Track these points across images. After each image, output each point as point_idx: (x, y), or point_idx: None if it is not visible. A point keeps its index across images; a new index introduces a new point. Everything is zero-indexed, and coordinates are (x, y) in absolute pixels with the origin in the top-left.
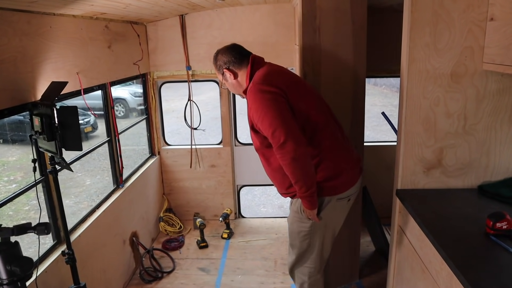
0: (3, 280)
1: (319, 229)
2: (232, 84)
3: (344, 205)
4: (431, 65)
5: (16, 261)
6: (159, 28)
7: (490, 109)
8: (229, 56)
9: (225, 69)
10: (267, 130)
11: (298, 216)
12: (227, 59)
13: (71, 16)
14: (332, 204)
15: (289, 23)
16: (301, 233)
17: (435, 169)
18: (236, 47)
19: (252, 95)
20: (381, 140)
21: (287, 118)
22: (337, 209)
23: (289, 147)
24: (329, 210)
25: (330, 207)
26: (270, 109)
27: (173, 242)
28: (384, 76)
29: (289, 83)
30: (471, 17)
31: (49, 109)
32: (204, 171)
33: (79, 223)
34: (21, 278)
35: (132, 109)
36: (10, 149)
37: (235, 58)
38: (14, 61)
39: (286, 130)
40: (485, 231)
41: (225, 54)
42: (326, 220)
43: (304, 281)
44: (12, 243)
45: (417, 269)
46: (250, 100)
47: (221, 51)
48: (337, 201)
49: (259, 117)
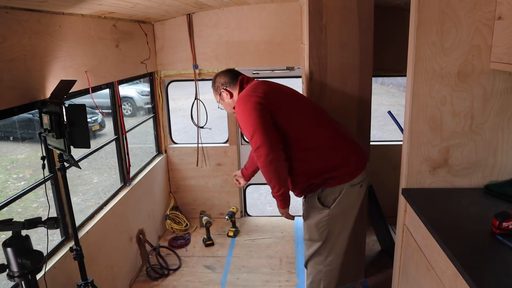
0: (15, 272)
1: (337, 217)
2: (228, 104)
3: (357, 191)
4: (437, 64)
5: (27, 254)
6: (167, 27)
7: (497, 108)
8: (225, 78)
9: (222, 89)
10: (248, 134)
11: (315, 208)
12: (224, 80)
13: (80, 15)
14: (346, 191)
15: (295, 21)
16: (319, 224)
17: (441, 169)
18: (232, 70)
19: (238, 103)
20: (387, 140)
21: (265, 124)
22: (351, 196)
23: (263, 151)
24: (344, 197)
25: (344, 194)
26: (251, 115)
27: (179, 239)
28: (391, 75)
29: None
30: (479, 16)
31: (58, 107)
32: (211, 170)
33: (87, 220)
34: (32, 271)
35: (139, 108)
36: (19, 146)
37: (230, 79)
38: (24, 60)
39: (263, 135)
40: (491, 231)
41: (222, 76)
42: (343, 208)
43: (320, 270)
44: (23, 237)
45: (422, 268)
46: (236, 107)
47: (218, 74)
48: (351, 188)
49: (242, 121)
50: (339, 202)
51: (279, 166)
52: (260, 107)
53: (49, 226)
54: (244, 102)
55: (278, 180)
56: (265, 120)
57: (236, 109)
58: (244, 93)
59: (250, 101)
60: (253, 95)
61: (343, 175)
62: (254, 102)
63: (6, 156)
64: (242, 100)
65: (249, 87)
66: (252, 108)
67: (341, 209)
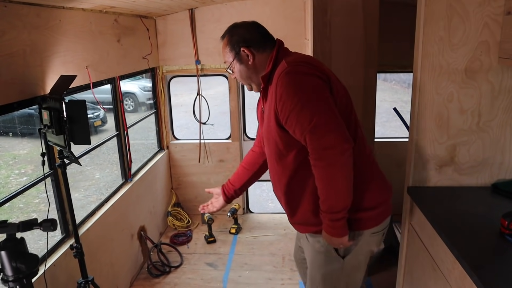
0: (9, 277)
1: (352, 270)
2: (247, 69)
3: (378, 240)
4: (445, 60)
5: (22, 258)
6: (169, 22)
7: (505, 105)
8: (251, 33)
9: (243, 47)
10: (305, 122)
11: (325, 258)
12: (249, 36)
13: (81, 9)
14: (365, 240)
15: (299, 17)
16: (327, 277)
17: (448, 167)
18: (260, 26)
19: (285, 78)
20: (391, 136)
21: (334, 110)
22: (370, 245)
23: (337, 145)
24: (363, 247)
25: (363, 243)
26: (314, 96)
27: (181, 236)
28: (395, 72)
29: (330, 73)
30: (487, 11)
31: (58, 103)
32: (213, 166)
33: (88, 217)
34: (27, 275)
35: (141, 103)
36: (21, 142)
37: (258, 38)
38: (23, 55)
39: (334, 124)
40: (500, 231)
41: (246, 30)
42: (359, 260)
43: None
44: (17, 240)
45: (428, 268)
46: (282, 84)
47: (241, 25)
48: (371, 236)
49: (295, 105)
50: (356, 253)
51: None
52: (324, 85)
53: (45, 229)
54: (299, 73)
55: (346, 192)
56: (332, 104)
57: (282, 85)
58: (295, 63)
59: (308, 73)
60: (312, 66)
61: (367, 219)
62: (316, 76)
63: (8, 151)
64: (295, 71)
65: (300, 57)
66: (313, 83)
67: (357, 261)
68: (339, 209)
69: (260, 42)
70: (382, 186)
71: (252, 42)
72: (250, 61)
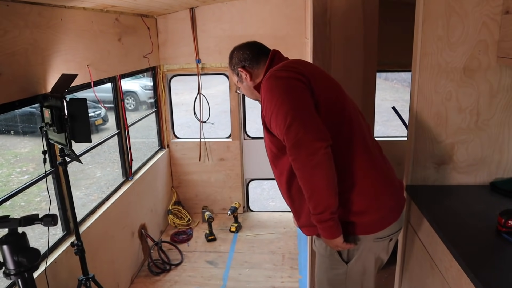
0: (11, 270)
1: (357, 275)
2: (248, 87)
3: (384, 246)
4: (443, 59)
5: (23, 252)
6: (169, 21)
7: (503, 104)
8: (246, 53)
9: (240, 68)
10: (281, 124)
11: (329, 261)
12: (243, 56)
13: (82, 8)
14: (367, 245)
15: (299, 16)
16: (333, 283)
17: (446, 165)
18: (255, 44)
19: (264, 84)
20: (391, 135)
21: (308, 109)
22: (374, 252)
23: (308, 144)
24: (366, 252)
25: (366, 249)
26: (287, 97)
27: (181, 234)
28: (395, 71)
29: (314, 72)
30: (486, 10)
31: (59, 101)
32: (213, 165)
33: (89, 214)
34: (28, 269)
35: (142, 102)
36: (23, 140)
37: (251, 55)
38: (25, 53)
39: (307, 123)
40: (497, 229)
41: (240, 50)
42: (364, 266)
43: None
44: (19, 234)
45: (426, 266)
46: (263, 90)
47: (237, 48)
48: (374, 242)
49: (273, 108)
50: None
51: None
52: (301, 85)
53: (46, 223)
54: (275, 78)
55: (326, 191)
56: (308, 103)
57: (263, 91)
58: (275, 68)
59: (283, 77)
60: (290, 69)
61: (366, 224)
62: (291, 78)
63: (10, 150)
64: (272, 76)
65: (281, 64)
66: (288, 85)
67: (362, 266)
68: (321, 210)
69: (254, 59)
70: (383, 191)
71: (246, 61)
72: (248, 79)
